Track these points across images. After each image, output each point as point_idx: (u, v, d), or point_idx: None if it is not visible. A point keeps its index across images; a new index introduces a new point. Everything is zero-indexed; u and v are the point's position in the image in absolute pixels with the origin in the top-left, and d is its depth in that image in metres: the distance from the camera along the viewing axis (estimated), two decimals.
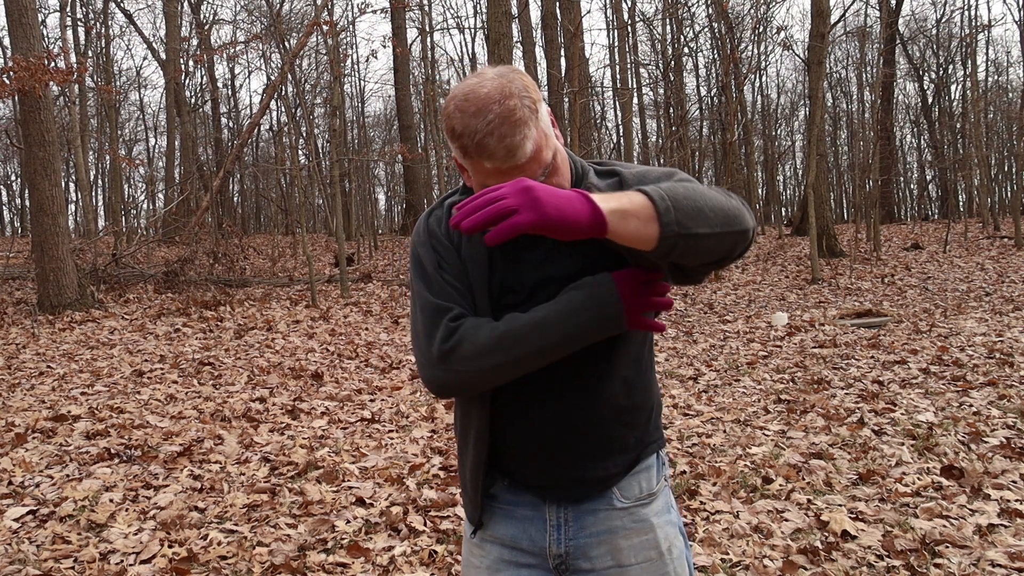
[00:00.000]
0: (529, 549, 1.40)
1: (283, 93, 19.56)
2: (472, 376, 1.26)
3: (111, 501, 3.65)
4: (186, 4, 23.47)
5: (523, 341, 1.23)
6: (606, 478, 1.37)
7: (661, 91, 23.67)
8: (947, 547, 2.95)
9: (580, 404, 1.33)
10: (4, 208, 33.13)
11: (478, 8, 25.10)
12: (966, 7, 26.92)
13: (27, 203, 16.53)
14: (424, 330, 1.30)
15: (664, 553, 1.39)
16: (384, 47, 26.88)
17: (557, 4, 17.18)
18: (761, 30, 22.23)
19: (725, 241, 1.16)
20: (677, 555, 1.41)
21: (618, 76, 22.54)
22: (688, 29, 23.85)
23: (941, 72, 28.26)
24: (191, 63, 23.81)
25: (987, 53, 26.68)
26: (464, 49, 27.90)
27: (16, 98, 11.43)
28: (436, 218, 1.38)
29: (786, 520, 3.28)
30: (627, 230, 1.10)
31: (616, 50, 22.62)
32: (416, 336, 1.33)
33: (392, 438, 4.72)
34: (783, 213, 28.36)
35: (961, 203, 26.98)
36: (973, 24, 23.91)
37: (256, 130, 22.44)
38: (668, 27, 22.65)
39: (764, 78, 28.80)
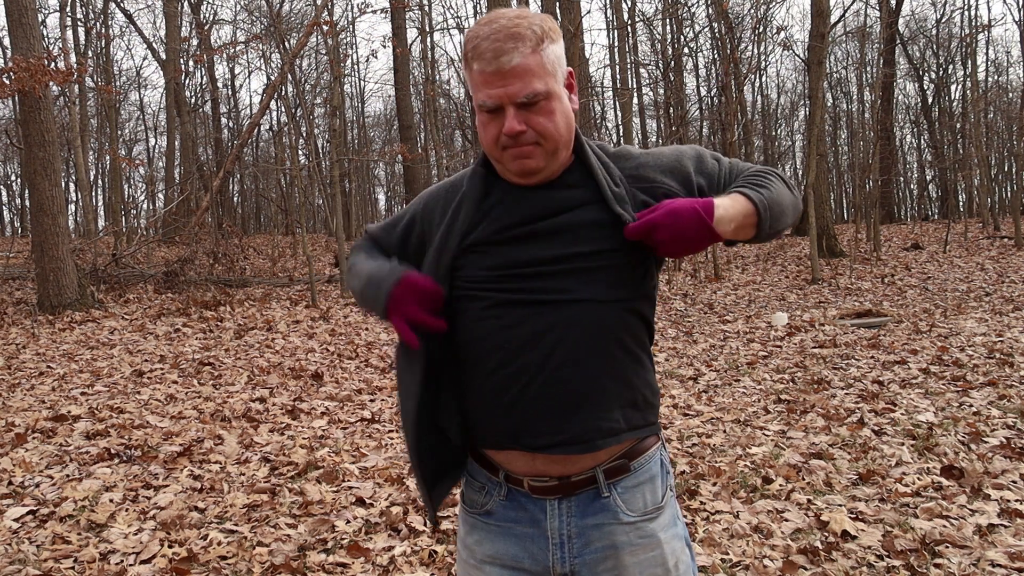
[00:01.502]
0: (532, 569, 1.34)
1: (283, 93, 19.56)
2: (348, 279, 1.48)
3: (111, 501, 3.65)
4: (186, 4, 23.47)
5: (352, 280, 1.44)
6: (611, 430, 1.29)
7: (661, 91, 23.66)
8: (947, 547, 2.95)
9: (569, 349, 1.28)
10: (4, 208, 33.14)
11: (478, 8, 25.08)
12: (966, 7, 26.94)
13: (27, 203, 16.53)
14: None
15: (671, 569, 1.34)
16: (384, 47, 26.86)
17: (557, 4, 17.18)
18: (761, 30, 22.22)
19: (792, 218, 1.37)
20: (684, 570, 1.37)
21: (618, 76, 22.54)
22: (688, 29, 23.85)
23: (941, 72, 28.26)
24: (191, 63, 23.80)
25: (987, 53, 26.67)
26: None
27: (16, 98, 11.44)
28: (447, 187, 1.45)
29: (786, 520, 3.28)
30: (730, 234, 1.25)
31: (616, 50, 22.62)
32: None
33: (392, 438, 4.72)
34: None
35: (961, 203, 26.98)
36: (973, 24, 23.90)
37: (256, 130, 22.44)
38: (668, 27, 22.66)
39: (764, 78, 28.83)
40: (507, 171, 1.32)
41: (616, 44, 22.59)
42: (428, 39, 24.36)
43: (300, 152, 20.41)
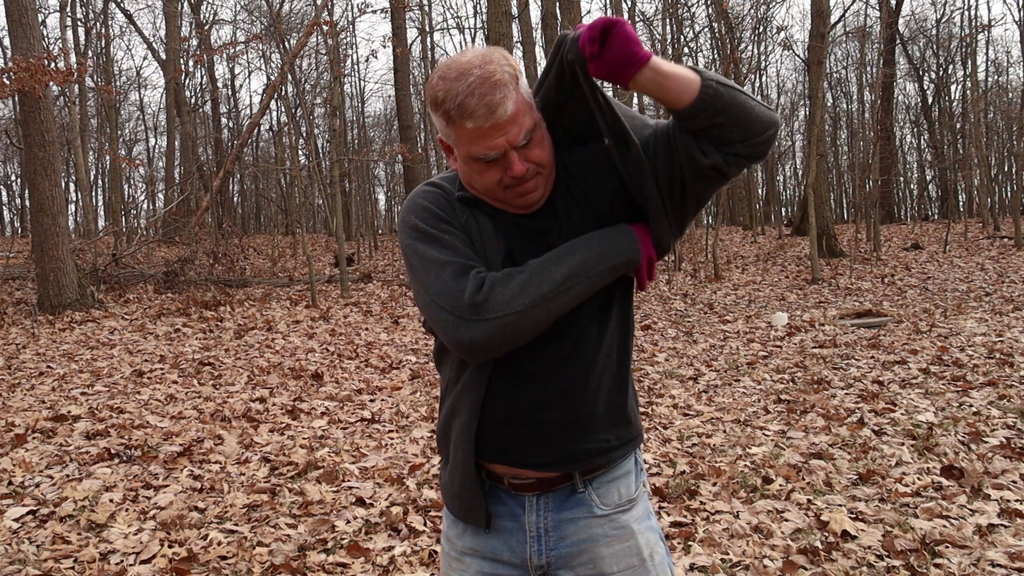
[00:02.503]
0: (510, 561, 1.39)
1: (283, 93, 19.56)
2: (509, 322, 1.22)
3: (111, 501, 3.65)
4: (186, 4, 23.48)
5: (550, 269, 1.24)
6: (607, 450, 1.38)
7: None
8: (947, 547, 2.95)
9: (575, 379, 1.34)
10: (4, 208, 33.15)
11: (478, 8, 25.10)
12: (966, 7, 26.98)
13: (27, 203, 16.53)
14: (448, 288, 1.25)
15: (646, 559, 1.38)
16: (384, 47, 26.89)
17: (557, 4, 17.18)
18: (761, 30, 22.23)
19: (760, 115, 1.22)
20: (659, 561, 1.40)
21: None
22: (688, 29, 23.87)
23: (941, 72, 28.26)
24: (191, 63, 23.81)
25: (987, 53, 26.67)
26: (464, 49, 27.82)
27: (16, 98, 11.43)
28: (434, 198, 1.37)
29: (786, 520, 3.28)
30: (671, 69, 1.17)
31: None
32: (434, 298, 1.26)
33: (392, 438, 4.72)
34: (783, 213, 28.36)
35: (961, 203, 26.97)
36: (973, 24, 23.91)
37: (256, 130, 22.44)
38: (668, 27, 22.64)
39: (764, 78, 28.83)
40: (507, 206, 1.34)
41: None
42: (428, 39, 24.37)
43: (300, 152, 20.41)
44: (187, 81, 24.78)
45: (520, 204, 1.32)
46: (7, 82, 9.99)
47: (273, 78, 19.16)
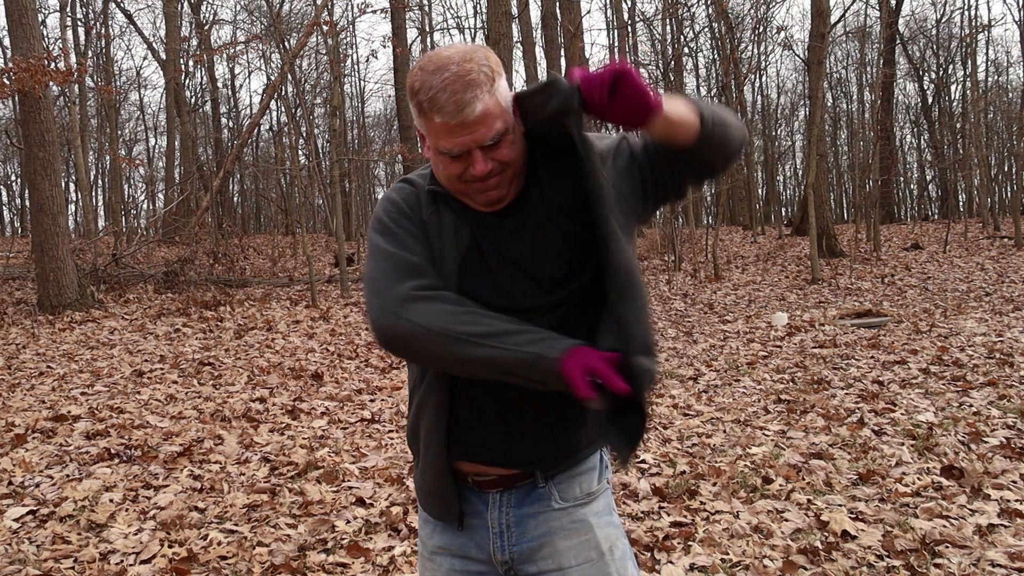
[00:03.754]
0: (478, 557, 1.41)
1: (283, 93, 19.56)
2: (417, 333, 1.23)
3: (111, 501, 3.65)
4: (186, 4, 23.48)
5: (482, 321, 1.24)
6: (578, 448, 1.40)
7: (661, 91, 23.63)
8: (947, 547, 2.95)
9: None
10: (4, 208, 33.13)
11: (478, 8, 25.11)
12: (966, 7, 26.97)
13: (27, 203, 16.52)
14: (386, 277, 1.28)
15: (605, 553, 1.39)
16: (384, 47, 26.88)
17: (557, 4, 17.19)
18: (761, 30, 22.23)
19: (738, 142, 1.32)
20: (619, 556, 1.40)
21: None
22: (688, 29, 23.88)
23: (941, 72, 28.26)
24: (191, 63, 23.80)
25: (987, 53, 26.67)
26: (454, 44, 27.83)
27: (16, 98, 11.44)
28: (404, 193, 1.39)
29: (786, 520, 3.28)
30: (678, 116, 1.23)
31: (616, 50, 22.62)
32: (371, 284, 1.29)
33: (392, 438, 4.72)
34: (783, 213, 28.35)
35: (961, 203, 26.97)
36: (973, 24, 23.91)
37: (256, 130, 22.44)
38: (668, 27, 22.64)
39: (764, 78, 28.83)
40: (470, 200, 1.35)
41: (616, 44, 22.61)
42: (428, 39, 24.38)
43: (300, 152, 20.40)
44: (187, 81, 24.79)
45: (480, 200, 1.33)
46: (7, 82, 9.99)
47: (273, 78, 19.17)
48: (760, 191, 28.21)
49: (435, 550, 1.45)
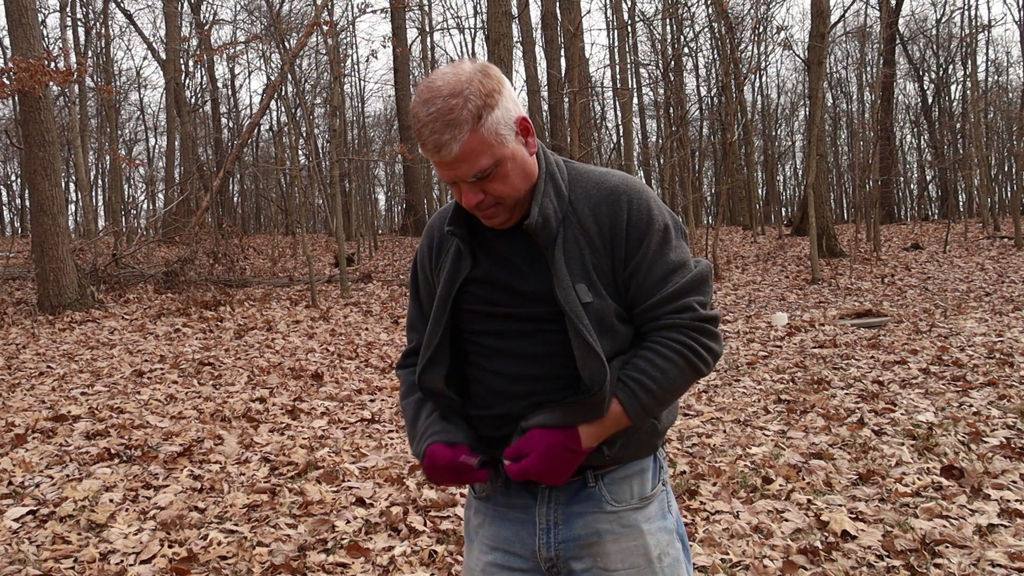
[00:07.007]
0: (521, 553, 1.41)
1: (283, 93, 19.55)
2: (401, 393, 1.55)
3: (111, 501, 3.65)
4: (186, 4, 23.47)
5: (406, 418, 1.51)
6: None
7: (661, 91, 23.68)
8: (947, 547, 2.95)
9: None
10: (4, 208, 33.14)
11: (478, 8, 25.11)
12: (966, 7, 26.93)
13: (27, 203, 16.53)
14: (407, 328, 1.56)
15: (653, 560, 1.37)
16: (384, 47, 26.90)
17: (557, 4, 17.20)
18: (761, 30, 22.23)
19: (692, 381, 1.39)
20: (669, 563, 1.39)
21: (618, 76, 22.53)
22: (688, 29, 23.88)
23: (941, 72, 28.26)
24: (191, 63, 23.80)
25: (987, 53, 26.70)
26: (464, 49, 27.80)
27: (16, 98, 11.44)
28: (427, 234, 1.49)
29: (786, 520, 3.28)
30: (603, 432, 1.32)
31: (616, 50, 22.61)
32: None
33: (392, 438, 4.72)
34: (783, 213, 28.34)
35: (961, 203, 26.97)
36: (973, 24, 23.92)
37: (256, 130, 22.43)
38: (668, 27, 22.67)
39: (764, 78, 28.83)
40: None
41: (616, 44, 22.60)
42: (428, 39, 24.40)
43: (300, 152, 20.40)
44: (187, 81, 24.77)
45: (486, 224, 1.36)
46: (7, 82, 9.99)
47: (273, 78, 19.17)
48: (760, 191, 28.22)
49: (483, 540, 1.47)
